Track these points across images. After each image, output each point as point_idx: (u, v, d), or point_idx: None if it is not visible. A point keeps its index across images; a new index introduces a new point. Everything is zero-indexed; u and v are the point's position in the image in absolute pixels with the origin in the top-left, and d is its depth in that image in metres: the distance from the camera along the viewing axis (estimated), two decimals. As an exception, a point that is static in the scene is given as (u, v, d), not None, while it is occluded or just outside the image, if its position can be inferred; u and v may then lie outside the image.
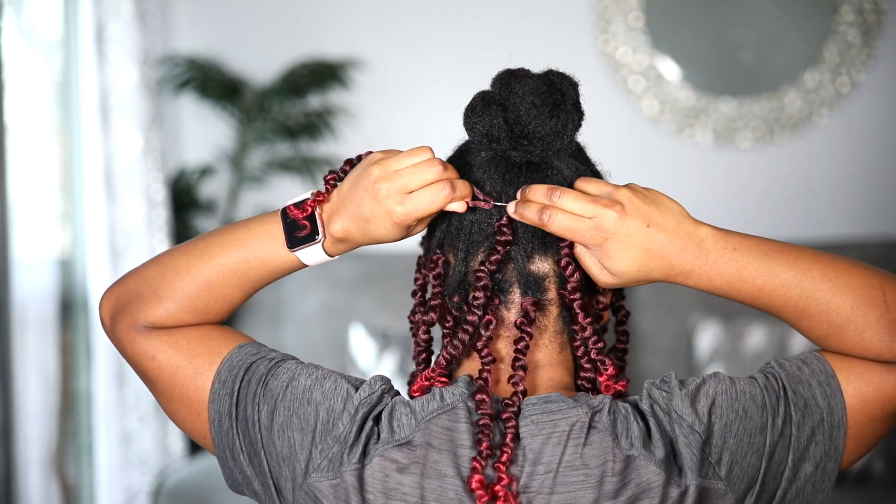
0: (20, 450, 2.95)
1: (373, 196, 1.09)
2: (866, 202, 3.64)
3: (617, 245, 1.07)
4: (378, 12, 3.73)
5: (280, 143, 3.71)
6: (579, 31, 3.67)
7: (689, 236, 1.07)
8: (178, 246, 1.20)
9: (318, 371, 1.12)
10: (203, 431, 1.16)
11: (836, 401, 1.08)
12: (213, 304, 1.17)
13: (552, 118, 1.12)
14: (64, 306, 3.19)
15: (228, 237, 1.17)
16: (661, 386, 1.08)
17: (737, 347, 3.18)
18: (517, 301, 1.13)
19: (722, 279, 1.08)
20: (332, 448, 1.07)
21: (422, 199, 1.09)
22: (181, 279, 1.17)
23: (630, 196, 1.07)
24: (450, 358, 1.11)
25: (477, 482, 1.03)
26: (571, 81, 1.15)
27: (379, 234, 1.11)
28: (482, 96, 1.14)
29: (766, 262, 1.08)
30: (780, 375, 1.09)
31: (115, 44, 3.24)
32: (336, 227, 1.13)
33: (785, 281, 1.08)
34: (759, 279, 1.08)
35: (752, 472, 1.06)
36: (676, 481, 1.04)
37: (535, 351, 1.14)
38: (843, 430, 1.08)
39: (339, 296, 3.43)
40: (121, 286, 1.21)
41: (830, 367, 1.09)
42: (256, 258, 1.15)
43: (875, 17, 3.58)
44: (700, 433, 1.05)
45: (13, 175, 2.92)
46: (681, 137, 3.67)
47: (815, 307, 1.08)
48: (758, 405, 1.07)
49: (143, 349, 1.17)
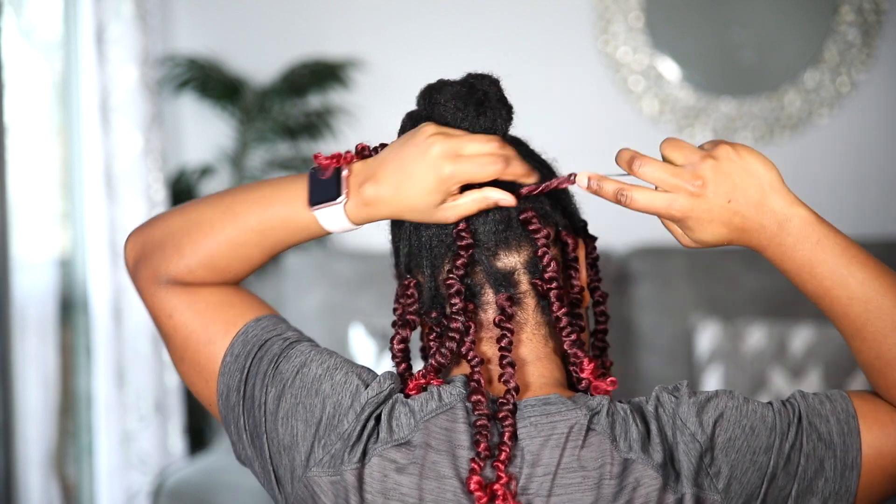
0: (20, 450, 2.95)
1: (423, 151, 1.07)
2: (866, 202, 3.64)
3: (695, 221, 1.05)
4: (378, 12, 3.73)
5: (280, 143, 3.71)
6: (579, 31, 3.67)
7: (773, 214, 1.05)
8: (206, 198, 1.19)
9: (331, 359, 1.11)
10: (210, 399, 1.16)
11: (852, 440, 1.05)
12: (234, 264, 1.16)
13: (479, 117, 1.12)
14: (64, 306, 3.19)
15: (255, 195, 1.15)
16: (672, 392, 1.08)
17: (736, 347, 3.18)
18: (492, 300, 1.13)
19: (794, 264, 1.06)
20: (335, 444, 1.07)
21: (472, 163, 1.07)
22: (204, 236, 1.16)
23: (715, 167, 1.04)
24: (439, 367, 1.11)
25: (475, 483, 1.03)
26: (492, 79, 1.14)
27: (413, 195, 1.08)
28: (409, 116, 1.15)
29: (843, 268, 1.05)
30: (798, 405, 1.07)
31: (115, 44, 3.24)
32: (367, 189, 1.10)
33: (853, 294, 1.05)
34: (827, 280, 1.06)
35: (751, 490, 1.04)
36: (673, 487, 1.03)
37: (520, 346, 1.13)
38: (857, 472, 1.05)
39: (339, 295, 3.43)
40: (146, 232, 1.20)
41: (853, 408, 1.07)
42: (279, 218, 1.14)
43: (875, 17, 3.58)
44: (700, 443, 1.04)
45: (13, 175, 2.92)
46: (681, 137, 3.67)
47: (870, 333, 1.05)
48: (767, 426, 1.05)
49: (161, 305, 1.17)
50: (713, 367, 3.19)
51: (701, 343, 3.23)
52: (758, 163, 1.05)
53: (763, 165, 1.06)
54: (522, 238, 1.13)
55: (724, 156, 1.05)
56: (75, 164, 3.26)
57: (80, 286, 3.26)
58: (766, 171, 1.06)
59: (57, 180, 3.19)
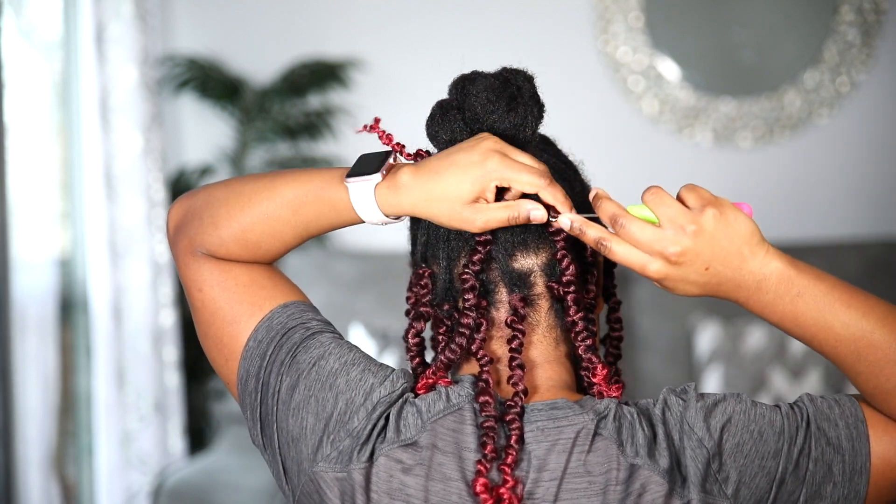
0: (20, 450, 2.95)
1: (474, 144, 1.07)
2: (866, 202, 3.64)
3: (671, 283, 1.05)
4: (378, 12, 3.73)
5: (280, 143, 3.71)
6: (579, 31, 3.67)
7: (751, 274, 1.04)
8: (252, 174, 1.19)
9: (350, 354, 1.11)
10: (228, 378, 1.17)
11: (860, 445, 1.05)
12: (265, 240, 1.15)
13: (510, 112, 1.11)
14: (64, 306, 3.19)
15: (297, 173, 1.15)
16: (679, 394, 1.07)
17: (736, 347, 3.18)
18: (505, 300, 1.12)
19: (776, 317, 1.06)
20: (344, 441, 1.07)
21: (519, 168, 1.05)
22: (241, 207, 1.15)
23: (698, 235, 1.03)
24: (447, 363, 1.11)
25: (481, 486, 1.02)
26: (526, 75, 1.14)
27: (450, 181, 1.06)
28: (440, 105, 1.14)
29: (827, 314, 1.04)
30: (807, 409, 1.07)
31: (115, 44, 3.24)
32: (404, 173, 1.08)
33: (839, 336, 1.05)
34: (812, 328, 1.05)
35: (760, 495, 1.04)
36: (679, 492, 1.03)
37: (530, 348, 1.13)
38: (867, 477, 1.05)
39: (339, 295, 3.43)
40: (190, 199, 1.20)
41: (862, 413, 1.06)
42: (313, 192, 1.12)
43: (875, 16, 3.58)
44: (708, 448, 1.03)
45: (13, 175, 2.92)
46: (681, 137, 3.67)
47: (865, 367, 1.05)
48: (775, 430, 1.05)
49: (194, 277, 1.17)
50: (713, 368, 3.19)
51: (701, 343, 3.23)
52: (740, 222, 1.04)
53: (745, 225, 1.04)
54: (541, 240, 1.12)
55: (709, 223, 1.03)
56: (75, 164, 3.26)
57: (79, 286, 3.26)
58: (747, 229, 1.04)
59: (57, 180, 3.19)
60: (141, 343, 3.28)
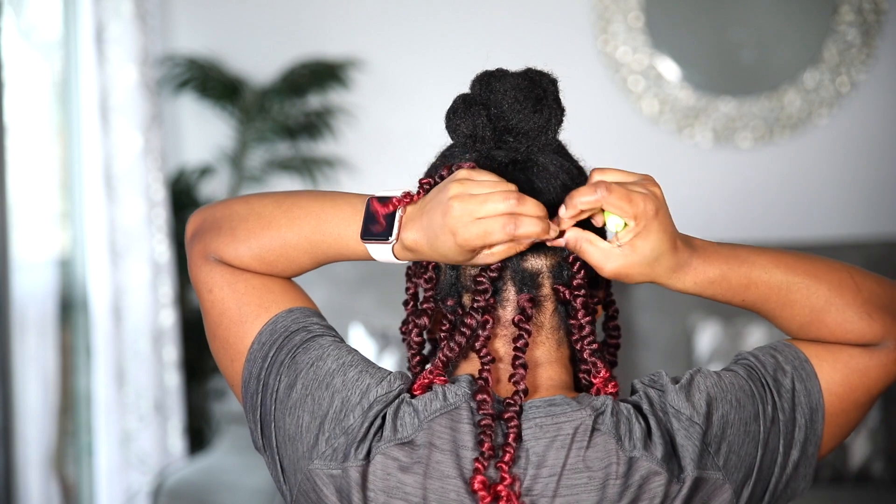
0: (20, 450, 2.96)
1: (444, 212, 1.06)
2: (866, 202, 3.64)
3: (657, 224, 1.06)
4: (378, 12, 3.73)
5: (280, 143, 3.71)
6: (579, 31, 3.67)
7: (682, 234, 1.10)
8: (270, 193, 1.21)
9: (348, 356, 1.12)
10: (232, 380, 1.18)
11: (811, 384, 1.11)
12: (281, 262, 1.17)
13: (535, 113, 1.12)
14: (64, 306, 3.19)
15: (315, 206, 1.16)
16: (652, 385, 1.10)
17: (736, 347, 3.18)
18: (512, 299, 1.13)
19: (716, 270, 1.09)
20: (339, 439, 1.07)
21: (479, 229, 1.05)
22: (260, 229, 1.17)
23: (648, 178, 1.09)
24: (447, 361, 1.11)
25: (479, 483, 1.03)
26: (551, 78, 1.16)
27: (444, 251, 1.07)
28: (463, 98, 1.14)
29: (749, 254, 1.11)
30: (757, 365, 1.11)
31: (115, 44, 3.24)
32: (408, 235, 1.10)
33: (767, 268, 1.11)
34: (744, 268, 1.10)
35: (749, 461, 1.07)
36: (678, 476, 1.05)
37: (534, 348, 1.13)
38: (822, 414, 1.11)
39: (339, 296, 3.43)
40: (210, 210, 1.22)
41: (803, 353, 1.12)
42: (332, 235, 1.14)
43: (875, 16, 3.59)
44: (700, 424, 1.06)
45: (13, 175, 2.92)
46: (680, 137, 3.67)
47: (796, 293, 1.11)
48: (747, 395, 1.09)
49: (205, 278, 1.19)
50: (713, 368, 3.19)
51: (701, 343, 3.23)
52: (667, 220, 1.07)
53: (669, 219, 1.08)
54: None
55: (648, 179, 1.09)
56: (75, 164, 3.26)
57: (79, 286, 3.26)
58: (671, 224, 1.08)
59: (57, 180, 3.19)
60: (141, 343, 3.28)
